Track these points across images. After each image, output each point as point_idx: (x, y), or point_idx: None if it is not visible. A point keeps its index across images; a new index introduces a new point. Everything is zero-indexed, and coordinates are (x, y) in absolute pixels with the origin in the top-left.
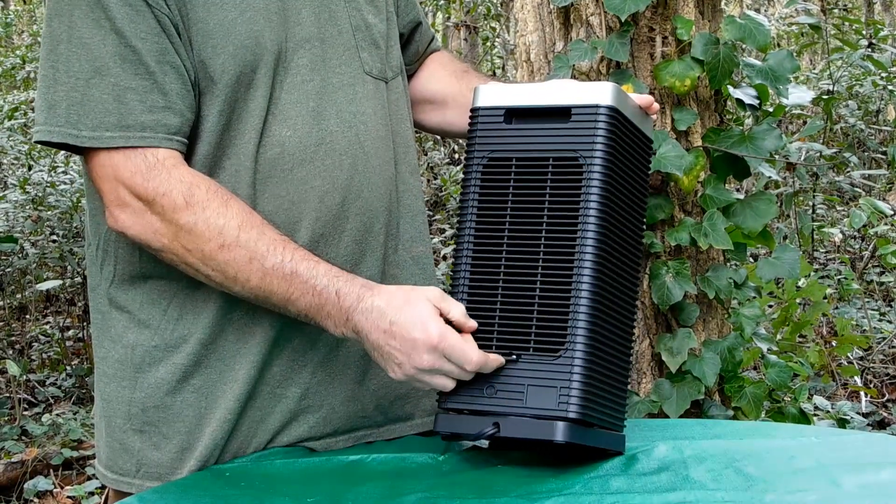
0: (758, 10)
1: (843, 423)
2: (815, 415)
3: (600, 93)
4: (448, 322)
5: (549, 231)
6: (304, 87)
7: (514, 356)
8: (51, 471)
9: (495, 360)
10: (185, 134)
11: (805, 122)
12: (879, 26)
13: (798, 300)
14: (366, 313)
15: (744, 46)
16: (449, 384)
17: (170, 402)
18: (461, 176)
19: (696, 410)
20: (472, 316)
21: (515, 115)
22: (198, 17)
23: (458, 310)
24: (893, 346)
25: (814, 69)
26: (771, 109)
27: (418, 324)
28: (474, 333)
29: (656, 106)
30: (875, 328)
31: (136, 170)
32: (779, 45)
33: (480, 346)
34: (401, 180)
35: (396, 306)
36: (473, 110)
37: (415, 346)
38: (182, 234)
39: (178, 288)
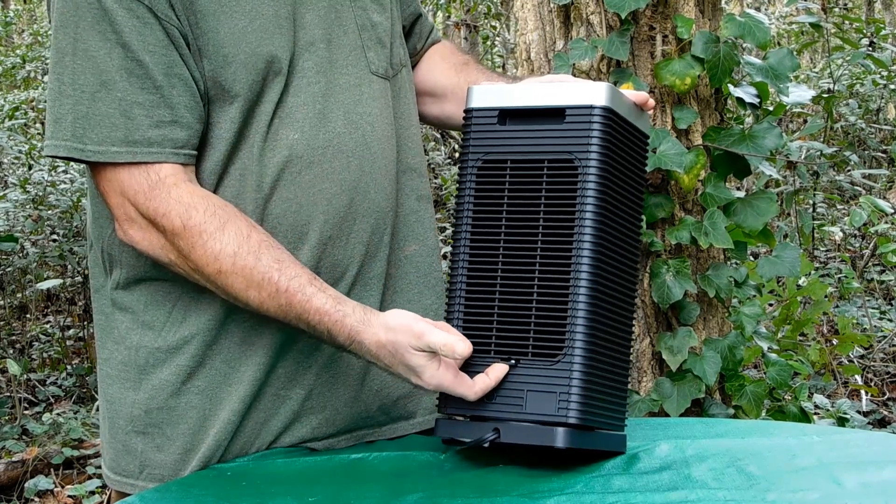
0: (758, 9)
1: (842, 421)
2: (816, 413)
3: (594, 93)
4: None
5: (545, 235)
6: (310, 90)
7: (513, 361)
8: (51, 470)
9: (496, 376)
10: (194, 146)
11: (805, 121)
12: (880, 25)
13: (799, 299)
14: (360, 350)
15: (744, 45)
16: (469, 384)
17: (173, 403)
18: (458, 177)
19: (697, 409)
20: (469, 321)
21: (509, 115)
22: (208, 27)
23: (442, 343)
24: (894, 345)
25: (814, 68)
26: (771, 108)
27: (414, 374)
28: (472, 339)
29: (652, 102)
30: (875, 327)
31: (139, 188)
32: (779, 43)
33: (479, 352)
34: (396, 179)
35: (387, 355)
36: (467, 111)
37: (415, 383)
38: (182, 255)
39: (183, 290)
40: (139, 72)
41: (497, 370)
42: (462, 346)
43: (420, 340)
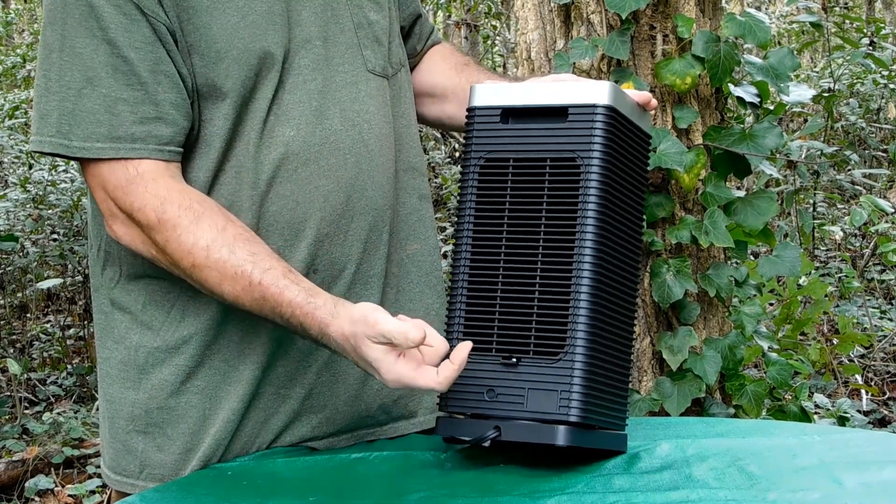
0: (758, 8)
1: (843, 421)
2: (816, 413)
3: (597, 92)
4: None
5: (547, 233)
6: (306, 87)
7: (514, 359)
8: (52, 469)
9: (459, 363)
10: (179, 143)
11: (806, 121)
12: (880, 24)
13: (799, 298)
14: (329, 342)
15: (745, 44)
16: (432, 376)
17: (173, 403)
18: (460, 176)
19: (697, 408)
20: (471, 319)
21: (512, 114)
22: (200, 23)
23: (392, 327)
24: (894, 344)
25: (814, 67)
26: (772, 107)
27: (373, 369)
28: (473, 338)
29: (654, 102)
30: (876, 326)
31: (118, 183)
32: (779, 43)
33: (480, 350)
34: (397, 178)
35: (351, 348)
36: (469, 110)
37: (378, 379)
38: (160, 250)
39: (181, 290)
40: (125, 68)
41: (459, 353)
42: (415, 332)
43: (374, 329)
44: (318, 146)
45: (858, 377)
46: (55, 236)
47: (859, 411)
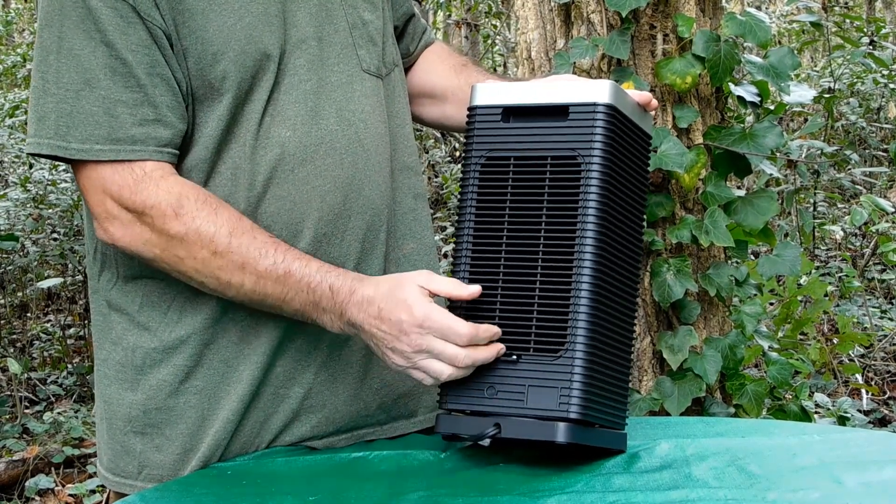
0: (759, 8)
1: (843, 420)
2: (817, 412)
3: (598, 91)
4: (438, 297)
5: (548, 231)
6: (301, 87)
7: (514, 357)
8: (52, 469)
9: (487, 329)
10: (176, 145)
11: (806, 120)
12: (880, 24)
13: (799, 298)
14: (358, 305)
15: (745, 44)
16: (446, 370)
17: (172, 403)
18: (461, 174)
19: (698, 408)
20: (471, 317)
21: (513, 113)
22: (196, 26)
23: (446, 286)
24: (894, 344)
25: (815, 67)
26: (772, 107)
27: (403, 306)
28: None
29: (655, 102)
30: (876, 326)
31: (124, 183)
32: (780, 42)
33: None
34: (393, 177)
35: (384, 293)
36: (471, 109)
37: (401, 327)
38: (174, 243)
39: (178, 290)
40: (123, 70)
41: (489, 327)
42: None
43: (430, 282)
44: (315, 146)
45: (859, 377)
46: (55, 236)
47: (860, 411)
